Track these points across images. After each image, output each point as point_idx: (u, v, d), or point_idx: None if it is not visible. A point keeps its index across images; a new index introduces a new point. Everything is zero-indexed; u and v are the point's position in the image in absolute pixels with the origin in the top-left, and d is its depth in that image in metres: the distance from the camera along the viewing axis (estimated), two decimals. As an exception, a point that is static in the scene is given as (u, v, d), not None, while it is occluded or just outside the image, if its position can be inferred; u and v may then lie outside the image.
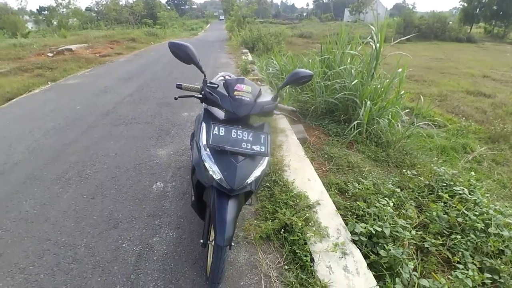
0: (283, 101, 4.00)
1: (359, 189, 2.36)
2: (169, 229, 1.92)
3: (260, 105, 1.38)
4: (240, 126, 1.32)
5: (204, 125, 1.31)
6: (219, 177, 1.20)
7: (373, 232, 1.74)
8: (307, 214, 1.83)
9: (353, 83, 3.51)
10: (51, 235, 1.94)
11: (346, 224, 1.84)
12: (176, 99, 1.49)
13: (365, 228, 1.76)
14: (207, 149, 1.24)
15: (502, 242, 1.89)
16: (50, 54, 10.11)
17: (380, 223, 1.80)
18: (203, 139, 1.27)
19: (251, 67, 7.14)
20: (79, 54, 10.04)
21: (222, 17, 49.98)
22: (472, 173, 2.64)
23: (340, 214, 1.94)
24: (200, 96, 1.45)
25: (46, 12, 25.85)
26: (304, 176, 2.33)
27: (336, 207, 2.01)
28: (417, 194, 2.46)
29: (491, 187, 3.26)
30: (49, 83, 6.46)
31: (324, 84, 4.03)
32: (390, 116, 3.67)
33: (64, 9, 24.22)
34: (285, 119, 3.82)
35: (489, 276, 1.66)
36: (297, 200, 1.98)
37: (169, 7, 50.96)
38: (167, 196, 2.26)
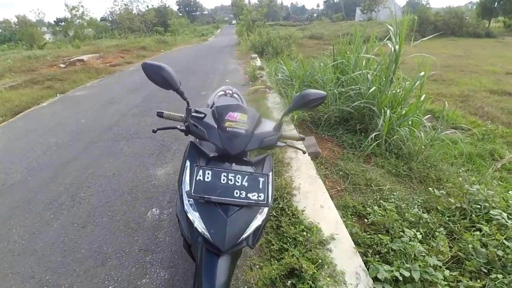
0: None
1: (380, 214, 2.06)
2: (161, 268, 1.69)
3: (259, 137, 1.12)
4: (233, 165, 1.07)
5: (188, 165, 1.07)
6: (204, 234, 0.96)
7: (399, 277, 1.44)
8: (320, 254, 1.55)
9: (370, 90, 3.19)
10: (36, 272, 1.76)
11: (367, 265, 1.55)
12: (154, 132, 1.25)
13: (389, 272, 1.46)
14: (191, 198, 1.00)
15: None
16: (62, 65, 10.26)
17: (407, 265, 1.50)
18: (186, 185, 1.02)
19: (260, 73, 6.90)
20: (90, 64, 10.16)
21: (234, 21, 50.08)
22: (511, 192, 2.28)
23: (359, 252, 1.65)
24: (184, 128, 1.20)
25: (63, 23, 26.68)
26: (316, 202, 2.05)
27: (354, 242, 1.72)
28: (447, 218, 2.14)
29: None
30: (57, 95, 6.47)
31: (338, 91, 3.74)
32: (410, 123, 3.34)
33: (79, 20, 24.88)
34: (290, 126, 3.55)
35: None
36: (308, 235, 1.70)
37: (180, 14, 51.76)
38: (162, 225, 2.03)
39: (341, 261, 1.55)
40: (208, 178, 0.99)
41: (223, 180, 0.99)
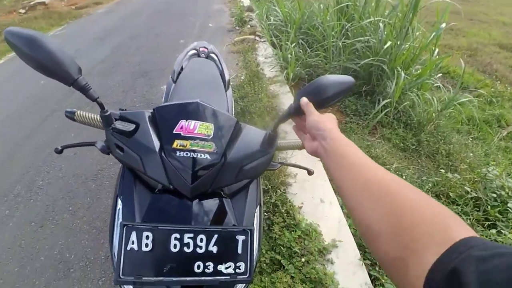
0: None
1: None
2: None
3: (235, 165, 0.68)
4: (194, 204, 0.66)
5: (120, 208, 0.68)
6: None
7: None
8: (319, 270, 1.26)
9: (385, 46, 2.66)
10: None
11: (374, 283, 1.30)
12: (59, 152, 0.74)
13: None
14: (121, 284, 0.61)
15: None
16: (22, 11, 8.74)
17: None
18: (116, 242, 0.65)
19: (248, 15, 5.98)
20: (53, 8, 8.64)
21: None
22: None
23: (365, 263, 1.38)
24: (104, 146, 0.71)
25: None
26: (315, 195, 1.72)
27: (358, 245, 1.44)
28: (459, 208, 1.89)
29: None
30: (13, 50, 5.52)
31: (342, 44, 3.18)
32: (420, 86, 2.93)
33: None
34: (284, 87, 3.10)
35: None
36: (306, 242, 1.41)
37: None
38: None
39: (343, 277, 1.29)
40: (148, 246, 0.57)
41: (175, 246, 0.58)
